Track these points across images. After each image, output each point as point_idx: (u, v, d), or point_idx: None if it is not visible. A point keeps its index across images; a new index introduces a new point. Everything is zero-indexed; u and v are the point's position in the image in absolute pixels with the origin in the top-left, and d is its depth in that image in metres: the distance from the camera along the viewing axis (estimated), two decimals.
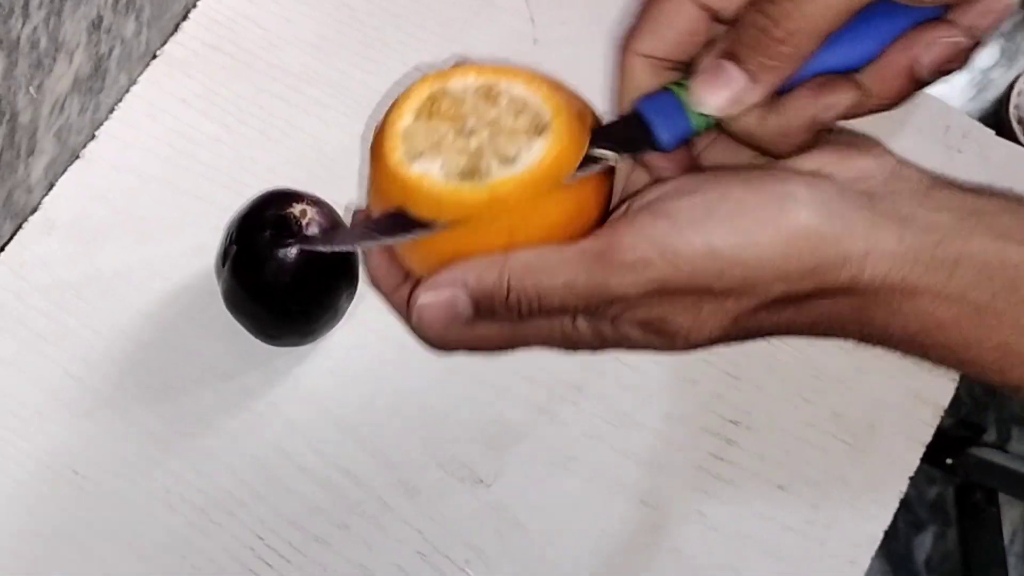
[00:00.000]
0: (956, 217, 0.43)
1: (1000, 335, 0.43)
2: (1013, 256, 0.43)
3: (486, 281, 0.44)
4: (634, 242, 0.43)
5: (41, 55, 0.63)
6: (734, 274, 0.42)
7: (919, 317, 0.44)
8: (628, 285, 0.43)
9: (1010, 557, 0.95)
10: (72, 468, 0.65)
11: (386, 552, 0.65)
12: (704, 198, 0.43)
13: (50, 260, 0.70)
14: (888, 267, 0.43)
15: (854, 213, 0.43)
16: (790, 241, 0.42)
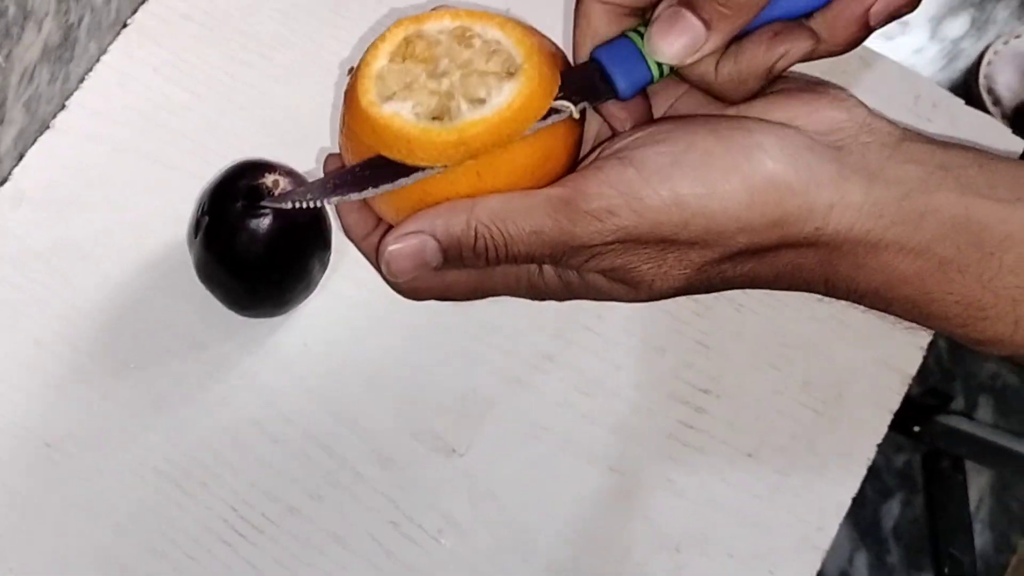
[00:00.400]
0: (924, 170, 0.44)
1: (964, 288, 0.44)
2: (978, 211, 0.43)
3: (454, 228, 0.44)
4: (600, 190, 0.43)
5: (9, 23, 0.63)
6: (698, 224, 0.43)
7: (883, 270, 0.44)
8: (593, 233, 0.43)
9: (976, 524, 0.96)
10: (44, 440, 0.65)
11: (359, 522, 0.65)
12: (672, 148, 0.43)
13: (20, 231, 0.69)
14: (853, 220, 0.43)
15: (821, 165, 0.43)
16: (755, 192, 0.42)
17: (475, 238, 0.44)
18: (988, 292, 0.44)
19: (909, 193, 0.43)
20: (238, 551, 0.64)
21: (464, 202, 0.44)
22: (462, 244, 0.44)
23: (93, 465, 0.65)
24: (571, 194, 0.43)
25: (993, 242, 0.43)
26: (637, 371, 0.70)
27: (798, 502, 0.68)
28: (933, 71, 0.94)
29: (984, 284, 0.43)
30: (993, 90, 0.96)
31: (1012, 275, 0.43)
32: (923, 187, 0.43)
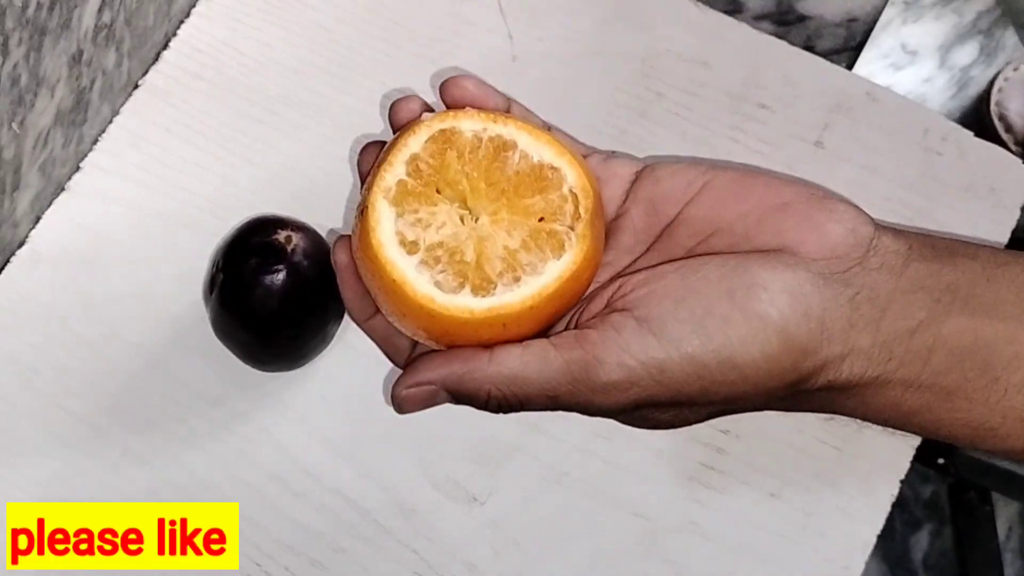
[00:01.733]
0: (931, 298, 0.44)
1: (971, 415, 0.44)
2: (986, 334, 0.43)
3: (467, 385, 0.45)
4: (621, 360, 0.43)
5: (22, 91, 0.64)
6: (719, 392, 0.43)
7: (891, 407, 0.45)
8: (614, 402, 0.43)
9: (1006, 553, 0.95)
10: (64, 500, 0.66)
11: (383, 573, 0.65)
12: (691, 314, 0.43)
13: (38, 292, 0.70)
14: (864, 367, 0.44)
15: (831, 314, 0.43)
16: (773, 361, 0.43)
17: (488, 397, 0.45)
18: (996, 414, 0.44)
19: (918, 328, 0.43)
20: None
21: (480, 358, 0.45)
22: (473, 399, 0.45)
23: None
24: (590, 361, 0.43)
25: (1000, 365, 0.43)
26: None
27: (823, 542, 0.68)
28: (943, 100, 0.94)
29: (991, 407, 0.44)
30: (1005, 117, 0.96)
31: (1020, 395, 0.44)
32: (931, 318, 0.43)
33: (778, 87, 0.76)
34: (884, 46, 0.91)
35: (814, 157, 0.75)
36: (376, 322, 0.49)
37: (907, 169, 0.75)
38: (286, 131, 0.75)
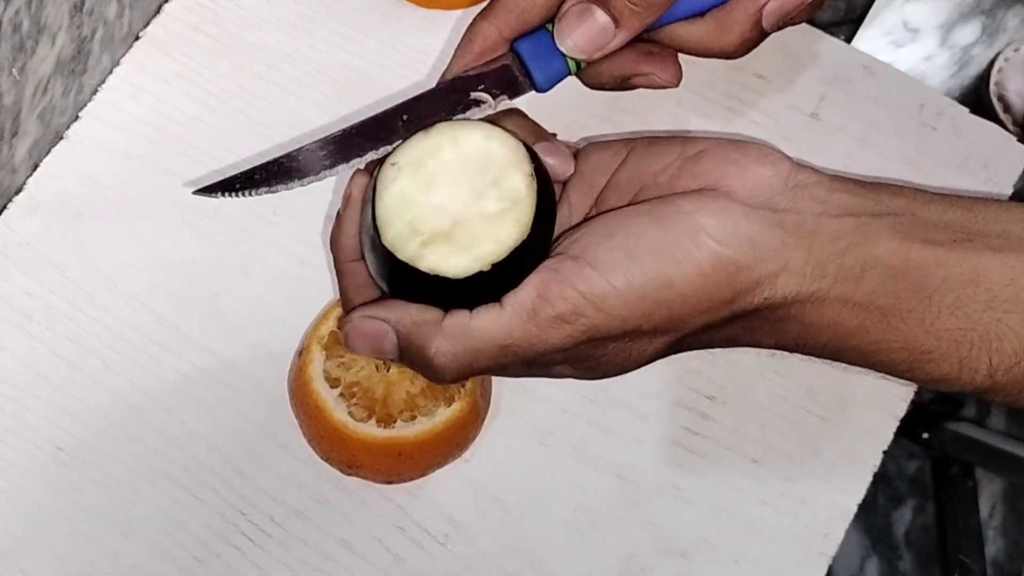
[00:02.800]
0: (859, 222, 0.44)
1: (906, 335, 0.45)
2: (917, 257, 0.44)
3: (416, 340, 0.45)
4: (563, 293, 0.44)
5: (23, 37, 0.64)
6: (661, 314, 0.44)
7: (830, 327, 0.45)
8: (564, 337, 0.44)
9: (989, 531, 0.96)
10: (56, 444, 0.66)
11: (366, 527, 0.66)
12: (623, 242, 0.44)
13: (34, 239, 0.71)
14: (799, 284, 0.44)
15: (762, 235, 0.44)
16: (707, 277, 0.44)
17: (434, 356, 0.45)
18: (930, 336, 0.45)
19: (848, 248, 0.44)
20: (246, 555, 0.65)
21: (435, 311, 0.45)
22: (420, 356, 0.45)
23: (104, 469, 0.66)
24: (535, 301, 0.44)
25: (932, 286, 0.44)
26: (643, 378, 0.69)
27: (804, 509, 0.68)
28: (943, 78, 0.94)
29: (926, 329, 0.44)
30: (1004, 97, 0.96)
31: (953, 317, 0.44)
32: (861, 239, 0.44)
33: (776, 58, 0.77)
34: (886, 23, 0.91)
35: (809, 129, 0.75)
36: (357, 266, 0.49)
37: (902, 143, 0.75)
38: (286, 87, 0.75)
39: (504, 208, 0.43)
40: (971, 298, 0.44)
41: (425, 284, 0.43)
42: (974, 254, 0.44)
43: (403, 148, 0.46)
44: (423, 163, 0.45)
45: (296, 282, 0.70)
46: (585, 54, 0.46)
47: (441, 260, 0.43)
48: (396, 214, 0.44)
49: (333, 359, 0.64)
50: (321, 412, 0.63)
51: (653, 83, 0.48)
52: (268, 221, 0.72)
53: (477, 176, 0.44)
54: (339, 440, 0.63)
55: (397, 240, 0.43)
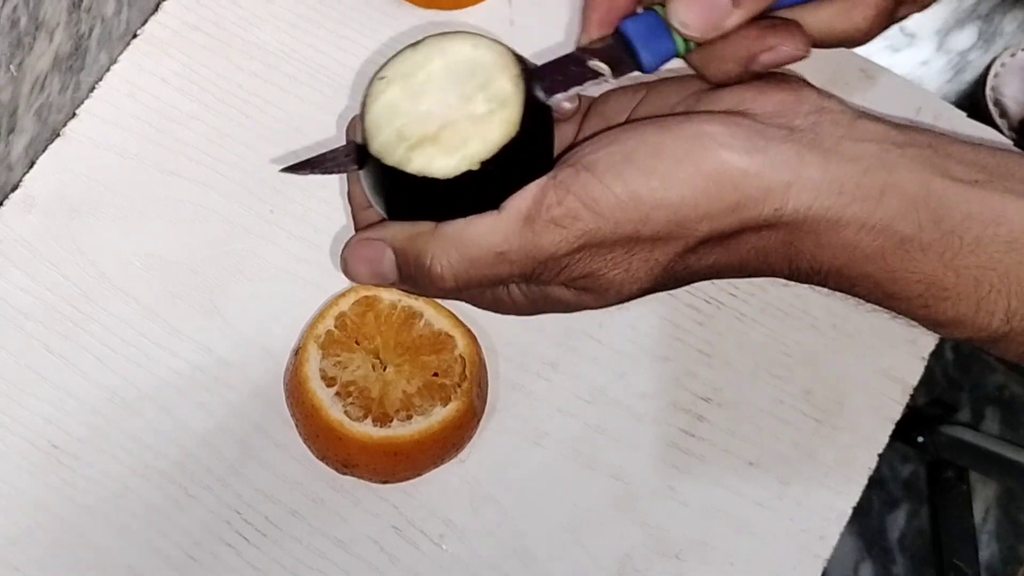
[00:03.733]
0: (880, 148, 0.43)
1: (925, 267, 0.43)
2: (937, 188, 0.43)
3: (412, 250, 0.44)
4: (558, 197, 0.42)
5: (21, 34, 0.64)
6: (659, 217, 0.42)
7: (846, 248, 0.43)
8: (560, 242, 0.43)
9: (983, 535, 0.96)
10: (51, 442, 0.66)
11: (362, 526, 0.66)
12: (622, 147, 0.43)
13: (31, 237, 0.71)
14: (812, 198, 0.42)
15: (775, 145, 0.42)
16: (710, 178, 0.42)
17: (431, 262, 0.44)
18: (950, 271, 0.43)
19: (868, 169, 0.42)
20: (241, 553, 0.65)
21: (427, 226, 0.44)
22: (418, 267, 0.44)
23: (98, 466, 0.66)
24: (530, 205, 0.43)
25: (953, 221, 0.43)
26: (639, 379, 0.70)
27: (799, 511, 0.68)
28: (940, 83, 0.94)
29: (946, 263, 0.43)
30: (1000, 102, 0.96)
31: (973, 255, 0.43)
32: (881, 164, 0.43)
33: None
34: None
35: None
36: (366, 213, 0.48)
37: None
38: (284, 86, 0.75)
39: (492, 109, 0.42)
40: (992, 238, 0.43)
41: (417, 190, 0.42)
42: (997, 195, 0.43)
43: (392, 62, 0.45)
44: (412, 74, 0.44)
45: (293, 280, 0.70)
46: (699, 32, 0.44)
47: (428, 162, 0.42)
48: (384, 122, 0.43)
49: (329, 358, 0.64)
50: (317, 411, 0.63)
51: (781, 57, 0.44)
52: (265, 219, 0.72)
53: (465, 82, 0.43)
54: (335, 439, 0.63)
55: (384, 147, 0.42)
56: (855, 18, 0.45)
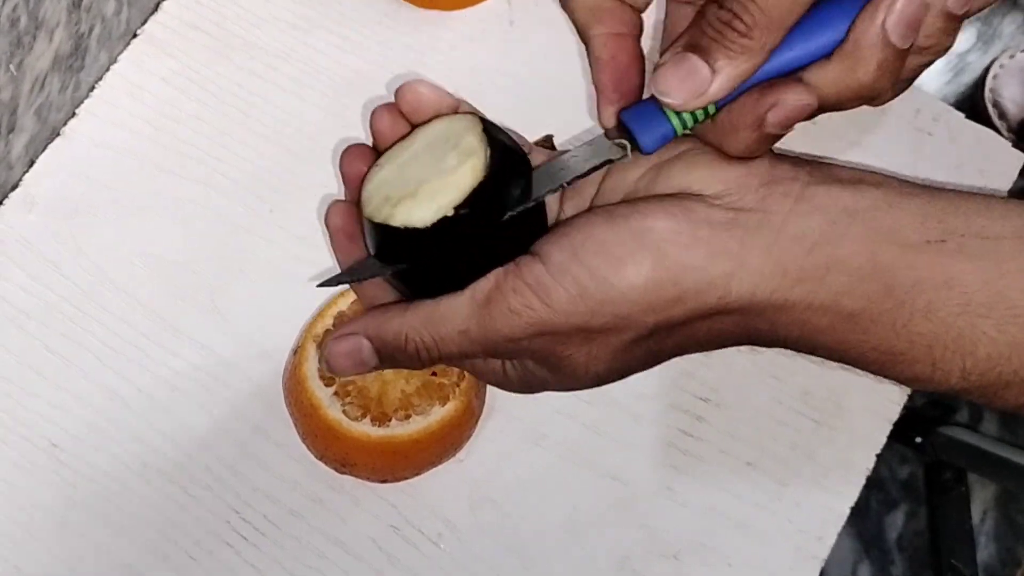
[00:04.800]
0: (828, 219, 0.43)
1: (878, 338, 0.44)
2: (885, 258, 0.43)
3: (386, 333, 0.46)
4: (515, 286, 0.44)
5: (21, 33, 0.64)
6: (605, 312, 0.44)
7: (797, 325, 0.44)
8: (514, 327, 0.45)
9: (981, 536, 0.96)
10: (51, 441, 0.66)
11: (360, 526, 0.66)
12: (571, 240, 0.44)
13: (30, 236, 0.71)
14: (755, 285, 0.43)
15: (717, 236, 0.43)
16: (648, 275, 0.43)
17: (406, 341, 0.46)
18: (902, 339, 0.44)
19: (813, 248, 0.43)
20: (240, 553, 0.65)
21: (398, 305, 0.47)
22: (395, 348, 0.47)
23: (97, 466, 0.66)
24: (491, 292, 0.45)
25: (903, 289, 0.43)
26: (638, 380, 0.69)
27: (797, 511, 0.68)
28: (939, 84, 0.94)
29: (897, 332, 0.44)
30: (999, 103, 0.96)
31: (925, 320, 0.43)
32: (827, 238, 0.43)
33: None
34: None
35: (805, 133, 0.74)
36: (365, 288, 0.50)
37: (897, 148, 0.75)
38: (284, 86, 0.75)
39: (460, 161, 0.45)
40: (944, 301, 0.43)
41: (403, 241, 0.45)
42: (947, 257, 0.43)
43: (385, 152, 0.49)
44: (398, 155, 0.48)
45: (292, 280, 0.70)
46: (681, 101, 0.44)
47: (407, 214, 0.45)
48: (375, 193, 0.47)
49: None
50: (316, 411, 0.63)
51: (789, 111, 0.44)
52: (264, 219, 0.72)
53: (440, 147, 0.47)
54: (333, 439, 0.63)
55: (375, 210, 0.46)
56: (862, 68, 0.45)
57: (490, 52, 0.77)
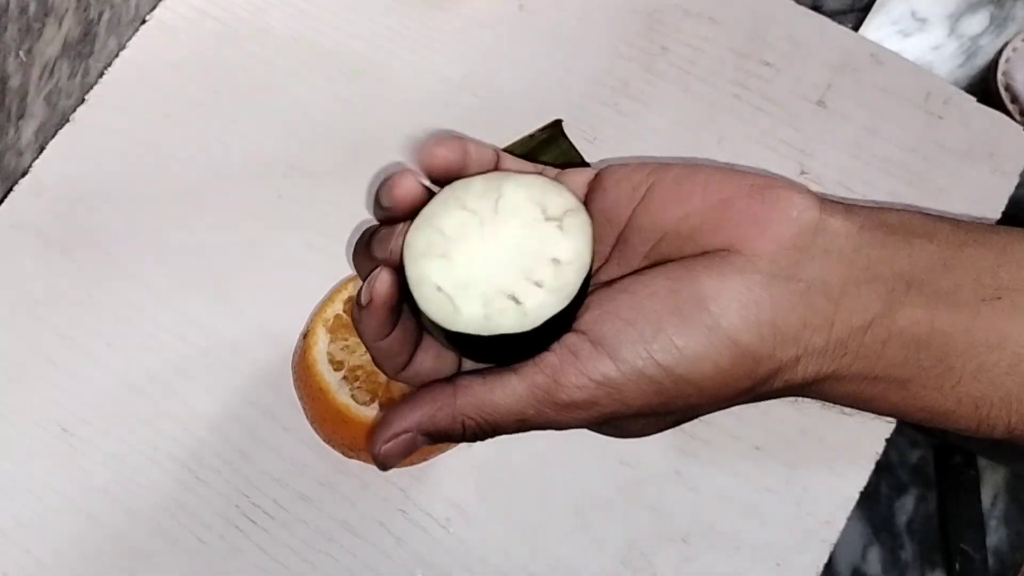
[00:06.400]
0: (886, 288, 0.44)
1: (926, 400, 0.45)
2: (942, 323, 0.44)
3: (440, 423, 0.46)
4: (580, 383, 0.43)
5: (30, 20, 0.64)
6: (677, 405, 0.44)
7: (849, 395, 0.46)
8: (580, 420, 0.45)
9: (991, 520, 0.95)
10: (61, 425, 0.67)
11: (369, 509, 0.66)
12: (641, 332, 0.43)
13: (40, 222, 0.71)
14: (819, 366, 0.44)
15: (784, 316, 0.43)
16: (727, 372, 0.43)
17: (463, 428, 0.46)
18: (950, 400, 0.45)
19: (872, 323, 0.44)
20: (249, 536, 0.65)
21: (445, 390, 0.46)
22: (450, 434, 0.46)
23: (108, 450, 0.66)
24: (550, 384, 0.44)
25: (955, 354, 0.44)
26: None
27: (806, 496, 0.68)
28: (951, 68, 0.93)
29: (945, 394, 0.45)
30: (1011, 87, 0.96)
31: (974, 382, 0.44)
32: (886, 311, 0.44)
33: (783, 45, 0.77)
34: (894, 12, 0.91)
35: (816, 116, 0.75)
36: (383, 344, 0.49)
37: (908, 132, 0.75)
38: (292, 72, 0.75)
39: (537, 296, 0.45)
40: (995, 363, 0.44)
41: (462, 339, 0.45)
42: (1002, 316, 0.44)
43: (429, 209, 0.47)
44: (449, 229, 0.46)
45: (301, 265, 0.71)
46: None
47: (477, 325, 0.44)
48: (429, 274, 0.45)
49: (337, 342, 0.64)
50: (324, 395, 0.63)
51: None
52: (274, 205, 0.72)
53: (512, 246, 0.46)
54: (341, 423, 0.63)
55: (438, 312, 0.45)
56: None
57: (500, 37, 0.77)
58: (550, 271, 0.44)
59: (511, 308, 0.44)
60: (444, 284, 0.44)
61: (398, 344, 0.47)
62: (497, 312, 0.44)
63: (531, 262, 0.44)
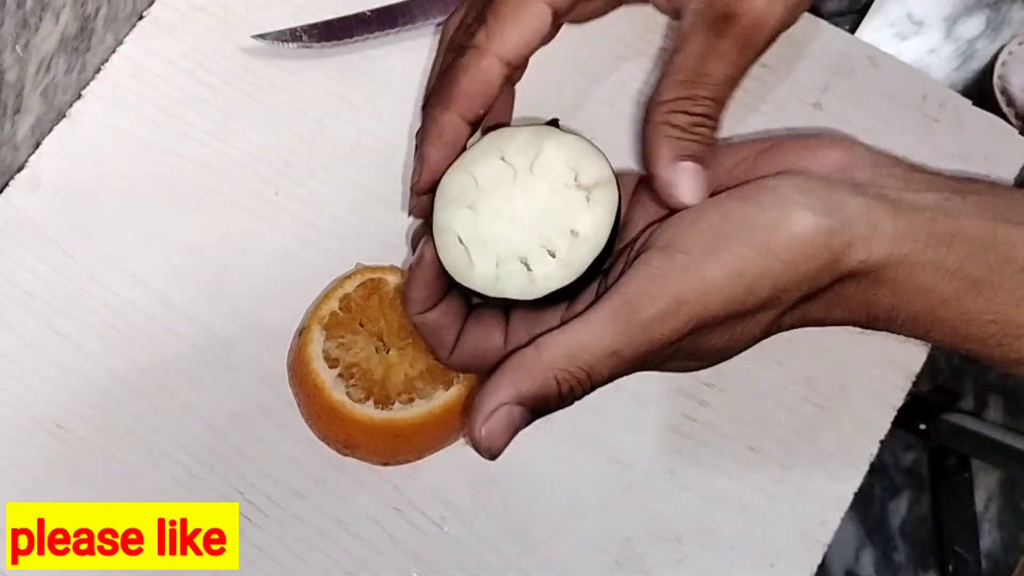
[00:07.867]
0: (941, 196, 0.44)
1: (998, 306, 0.44)
2: (1003, 232, 0.44)
3: (534, 387, 0.44)
4: (660, 287, 0.43)
5: (27, 14, 0.64)
6: (763, 286, 0.43)
7: (922, 294, 0.44)
8: (671, 331, 0.43)
9: (984, 523, 0.96)
10: (56, 422, 0.67)
11: (363, 507, 0.66)
12: (710, 224, 0.43)
13: (36, 216, 0.71)
14: (890, 246, 0.44)
15: (848, 200, 0.43)
16: (805, 240, 0.43)
17: (558, 386, 0.44)
18: (1022, 311, 0.44)
19: (934, 217, 0.44)
20: (244, 533, 0.65)
21: (526, 353, 0.45)
22: (548, 397, 0.44)
23: (102, 447, 0.66)
24: (630, 301, 0.43)
25: (1021, 260, 0.44)
26: None
27: (800, 496, 0.69)
28: (947, 71, 0.94)
29: (1017, 303, 0.44)
30: (1007, 90, 0.96)
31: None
32: (945, 211, 0.44)
33: (780, 47, 0.76)
34: (890, 15, 0.91)
35: (812, 118, 0.75)
36: (428, 317, 0.49)
37: (904, 134, 0.75)
38: (288, 68, 0.75)
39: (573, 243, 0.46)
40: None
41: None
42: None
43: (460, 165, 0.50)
44: (483, 186, 0.49)
45: (297, 262, 0.71)
46: (701, 199, 0.48)
47: (520, 289, 0.45)
48: (467, 240, 0.47)
49: (333, 339, 0.64)
50: (319, 392, 0.63)
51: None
52: (270, 201, 0.72)
53: (547, 203, 0.48)
54: (336, 420, 0.63)
55: (481, 280, 0.47)
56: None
57: None
58: (566, 242, 0.44)
59: (521, 273, 0.44)
60: (465, 236, 0.44)
61: (446, 317, 0.47)
62: (507, 274, 0.44)
63: (551, 228, 0.44)
